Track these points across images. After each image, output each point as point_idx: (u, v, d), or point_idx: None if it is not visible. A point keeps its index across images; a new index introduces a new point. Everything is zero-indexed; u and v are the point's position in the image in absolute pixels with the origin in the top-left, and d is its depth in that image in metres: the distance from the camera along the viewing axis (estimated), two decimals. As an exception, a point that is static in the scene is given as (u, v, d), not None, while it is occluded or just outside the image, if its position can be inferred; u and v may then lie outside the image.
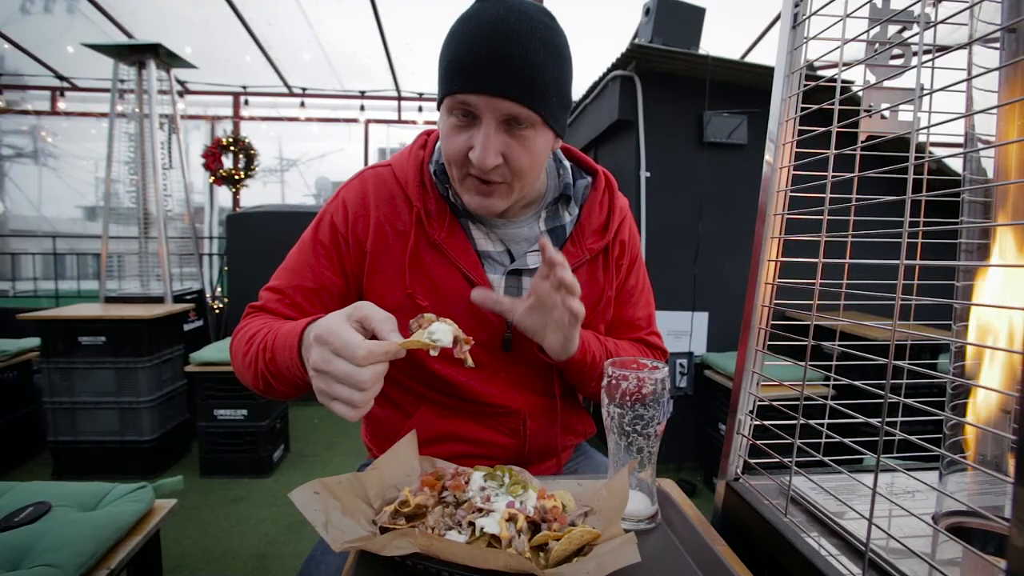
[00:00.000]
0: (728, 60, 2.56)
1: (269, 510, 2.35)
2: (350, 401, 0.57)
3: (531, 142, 0.73)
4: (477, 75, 0.68)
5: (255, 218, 3.77)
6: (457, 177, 0.77)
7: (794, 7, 0.71)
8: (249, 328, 0.81)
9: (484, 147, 0.70)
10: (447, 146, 0.74)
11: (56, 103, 5.65)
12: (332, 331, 0.58)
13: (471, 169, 0.73)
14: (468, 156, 0.72)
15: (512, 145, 0.72)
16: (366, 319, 0.61)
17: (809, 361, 0.66)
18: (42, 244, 5.70)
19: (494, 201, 0.76)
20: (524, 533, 0.56)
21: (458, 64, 0.69)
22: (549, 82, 0.71)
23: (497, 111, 0.70)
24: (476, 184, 0.75)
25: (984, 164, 0.61)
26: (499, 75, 0.67)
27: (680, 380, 2.62)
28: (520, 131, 0.72)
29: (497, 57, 0.67)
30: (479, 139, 0.71)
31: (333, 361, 0.57)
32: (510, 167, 0.73)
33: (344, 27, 4.95)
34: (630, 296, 0.95)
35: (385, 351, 0.58)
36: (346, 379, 0.57)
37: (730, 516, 0.77)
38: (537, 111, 0.71)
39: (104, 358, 2.54)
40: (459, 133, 0.73)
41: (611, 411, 0.64)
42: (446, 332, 0.62)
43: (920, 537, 0.61)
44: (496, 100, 0.69)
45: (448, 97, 0.71)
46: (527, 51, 0.68)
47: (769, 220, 0.74)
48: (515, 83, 0.68)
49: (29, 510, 1.05)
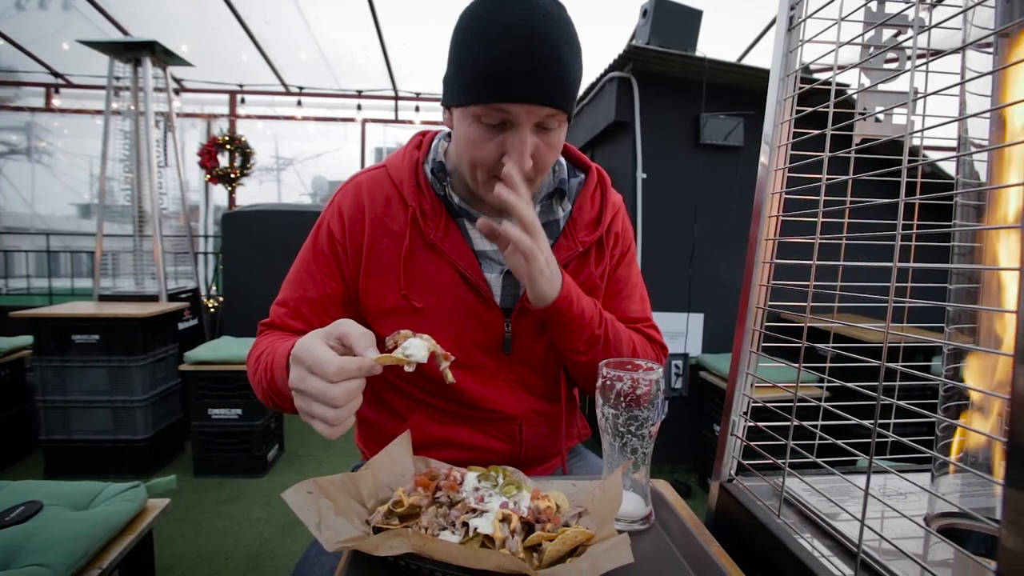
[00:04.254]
0: (725, 62, 2.57)
1: (263, 510, 2.34)
2: (324, 418, 0.57)
3: (556, 139, 0.75)
4: (516, 85, 0.68)
5: (251, 217, 3.76)
6: (482, 179, 0.77)
7: (790, 10, 0.71)
8: (258, 347, 0.82)
9: (523, 153, 0.71)
10: (476, 152, 0.74)
11: (51, 100, 5.62)
12: (306, 349, 0.58)
13: (500, 171, 0.74)
14: (500, 160, 0.73)
15: (540, 145, 0.74)
16: (344, 336, 0.60)
17: (803, 363, 0.66)
18: (36, 242, 5.66)
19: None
20: (518, 533, 0.56)
21: (492, 73, 0.68)
22: (573, 81, 0.72)
23: (534, 117, 0.71)
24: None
25: (977, 167, 0.62)
26: (539, 84, 0.68)
27: (675, 381, 2.63)
28: (549, 131, 0.73)
29: (533, 65, 0.67)
30: (514, 144, 0.71)
31: (307, 379, 0.57)
32: (537, 165, 0.75)
33: (341, 26, 4.95)
34: (622, 288, 0.94)
35: (358, 367, 0.57)
36: (319, 396, 0.57)
37: (724, 517, 0.77)
38: (566, 111, 0.73)
39: (98, 356, 2.53)
40: (489, 138, 0.73)
41: (605, 412, 0.64)
42: (420, 347, 0.62)
43: (912, 538, 0.62)
44: (536, 107, 0.69)
45: (481, 105, 0.70)
46: (558, 56, 0.68)
47: (764, 222, 0.74)
48: (552, 91, 0.69)
49: (20, 509, 1.04)
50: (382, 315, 0.83)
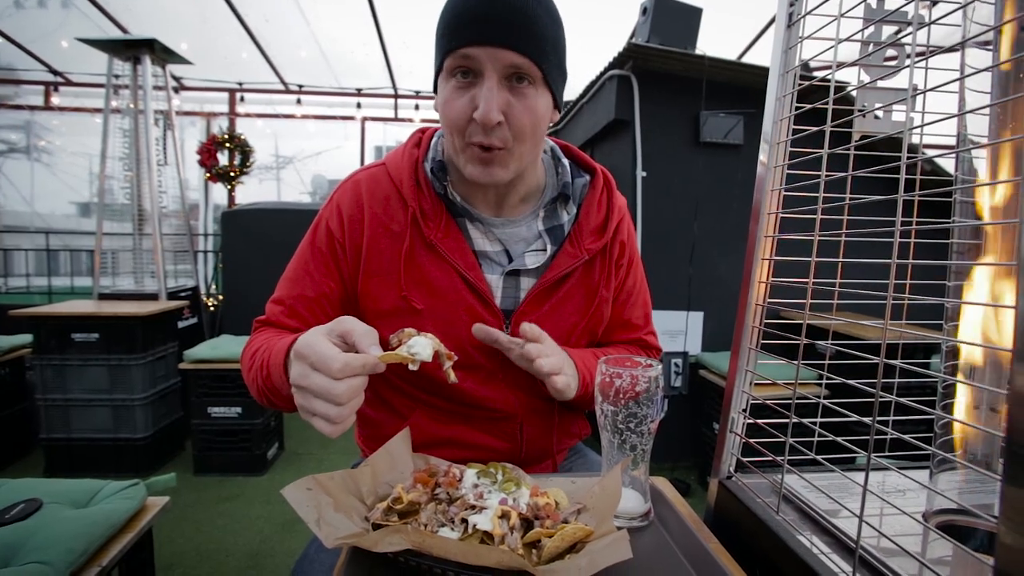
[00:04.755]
0: (724, 60, 2.56)
1: (263, 508, 2.34)
2: (326, 416, 0.57)
3: (532, 101, 0.73)
4: (478, 26, 0.68)
5: (250, 215, 3.75)
6: (459, 146, 0.76)
7: (789, 6, 0.71)
8: (252, 344, 0.81)
9: (487, 100, 0.70)
10: (448, 112, 0.74)
11: (50, 98, 5.61)
12: (309, 345, 0.58)
13: (474, 136, 0.73)
14: (471, 119, 0.72)
15: (513, 103, 0.72)
16: (347, 333, 0.60)
17: (802, 360, 0.66)
18: (35, 240, 5.66)
19: (495, 169, 0.76)
20: (517, 530, 0.56)
21: (458, 19, 0.69)
22: (548, 38, 0.72)
23: (499, 63, 0.70)
24: (477, 152, 0.74)
25: (976, 164, 0.62)
26: (501, 25, 0.68)
27: (675, 379, 2.63)
28: (521, 88, 0.72)
29: (497, 8, 0.68)
30: (482, 95, 0.70)
31: (310, 376, 0.57)
32: (512, 127, 0.73)
33: (341, 24, 4.94)
34: (628, 296, 0.94)
35: (363, 364, 0.57)
36: (322, 393, 0.56)
37: (723, 514, 0.77)
38: (538, 64, 0.71)
39: (97, 355, 2.53)
40: (460, 95, 0.72)
41: (605, 409, 0.64)
42: (425, 346, 0.62)
43: (911, 535, 0.62)
44: (498, 51, 0.69)
45: (449, 56, 0.71)
46: (525, 5, 0.69)
47: (763, 219, 0.74)
48: (516, 33, 0.69)
49: (20, 507, 1.04)
50: (381, 316, 0.83)
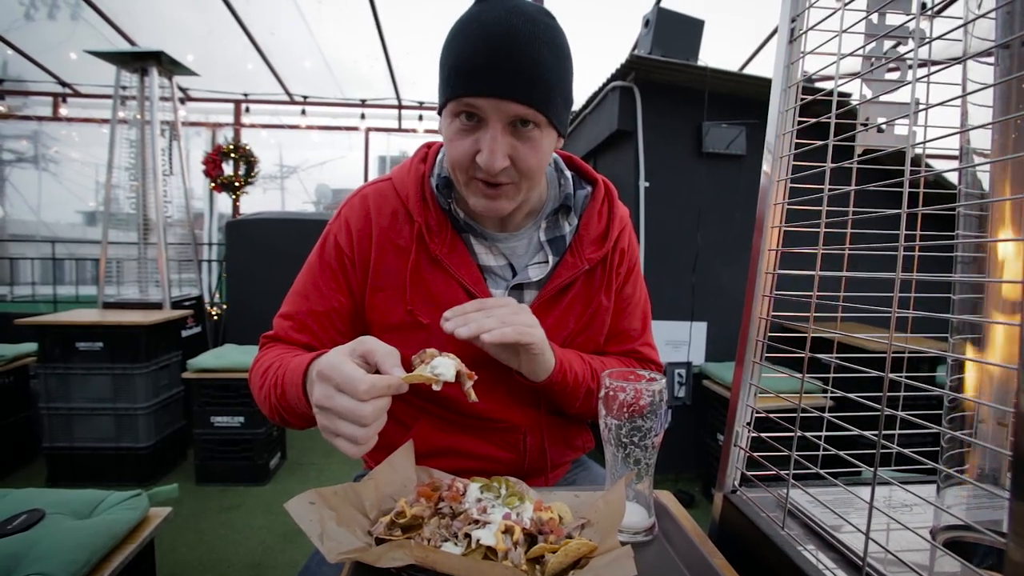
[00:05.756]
0: (727, 72, 2.58)
1: (265, 518, 2.33)
2: (352, 437, 0.57)
3: (537, 143, 0.73)
4: (483, 78, 0.67)
5: (255, 225, 3.78)
6: (463, 181, 0.76)
7: (791, 22, 0.72)
8: (263, 361, 0.81)
9: (491, 150, 0.70)
10: (452, 150, 0.74)
11: (58, 109, 5.67)
12: (334, 367, 0.58)
13: (477, 173, 0.73)
14: (475, 160, 0.72)
15: (518, 146, 0.72)
16: (369, 353, 0.60)
17: (806, 373, 0.66)
18: (41, 249, 5.69)
19: (501, 203, 0.76)
20: (520, 545, 0.56)
21: (462, 68, 0.69)
22: (553, 83, 0.71)
23: (504, 114, 0.69)
24: (482, 187, 0.75)
25: (980, 177, 0.62)
26: (505, 78, 0.67)
27: (678, 390, 2.62)
28: (526, 132, 0.72)
29: (502, 60, 0.67)
30: (486, 142, 0.70)
31: (335, 397, 0.57)
32: (517, 168, 0.73)
33: (345, 36, 4.99)
34: (626, 305, 0.94)
35: (387, 385, 0.57)
36: (348, 415, 0.56)
37: (727, 529, 0.76)
38: (543, 112, 0.71)
39: (101, 364, 2.53)
40: (464, 137, 0.72)
41: (608, 423, 0.64)
42: (448, 367, 0.62)
43: (917, 551, 0.61)
44: (503, 103, 0.68)
45: (452, 101, 0.71)
46: (532, 53, 0.68)
47: (766, 232, 0.74)
48: (521, 86, 0.68)
49: (23, 517, 1.04)
50: (388, 330, 0.83)
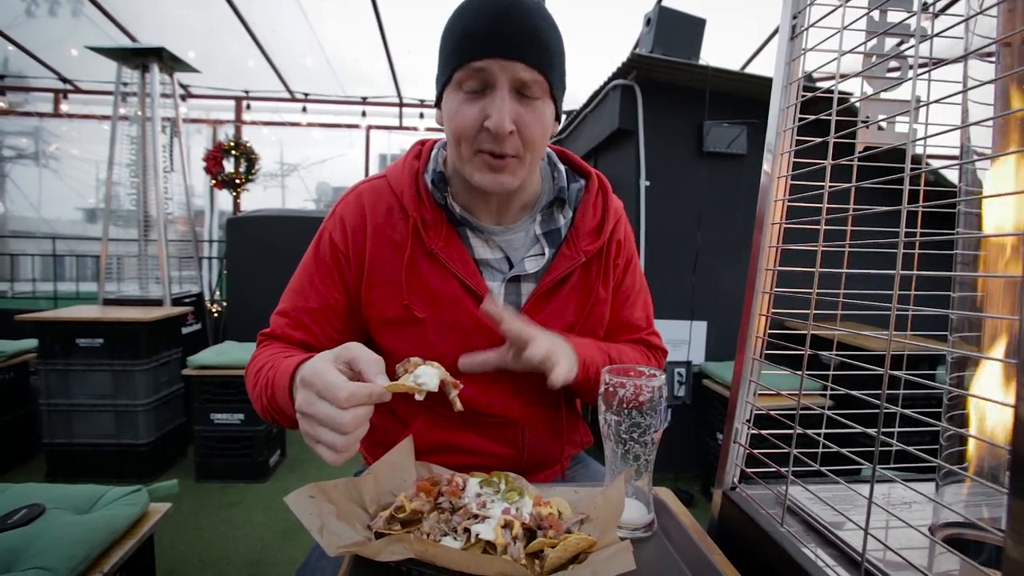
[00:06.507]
0: (728, 71, 2.57)
1: (264, 515, 2.33)
2: (332, 444, 0.56)
3: (540, 111, 0.75)
4: (493, 40, 0.70)
5: (255, 222, 3.78)
6: (467, 155, 0.76)
7: (792, 19, 0.72)
8: (258, 360, 0.81)
9: (500, 111, 0.71)
10: (458, 121, 0.74)
11: (59, 105, 5.67)
12: (316, 373, 0.58)
13: (484, 144, 0.74)
14: (482, 128, 0.73)
15: (523, 113, 0.74)
16: (354, 360, 0.60)
17: (806, 371, 0.66)
18: (41, 245, 5.70)
19: (505, 177, 0.76)
20: (520, 540, 0.56)
21: (472, 34, 0.72)
22: (555, 51, 0.75)
23: (511, 75, 0.72)
24: (488, 160, 0.75)
25: (980, 175, 0.62)
26: (514, 40, 0.71)
27: (678, 389, 2.62)
28: (530, 99, 0.74)
29: (510, 24, 0.71)
30: (495, 105, 0.72)
31: (316, 403, 0.57)
32: (522, 137, 0.74)
33: (347, 33, 4.98)
34: (627, 296, 0.95)
35: (368, 394, 0.57)
36: (328, 422, 0.56)
37: (726, 525, 0.76)
38: (547, 77, 0.74)
39: (101, 360, 2.54)
40: (470, 106, 0.73)
41: (608, 419, 0.64)
42: (432, 376, 0.62)
43: (917, 548, 0.61)
44: (511, 63, 0.71)
45: (460, 69, 0.73)
46: (535, 20, 0.72)
47: (767, 229, 0.74)
48: (529, 47, 0.71)
49: (23, 512, 1.04)
50: (384, 325, 0.83)
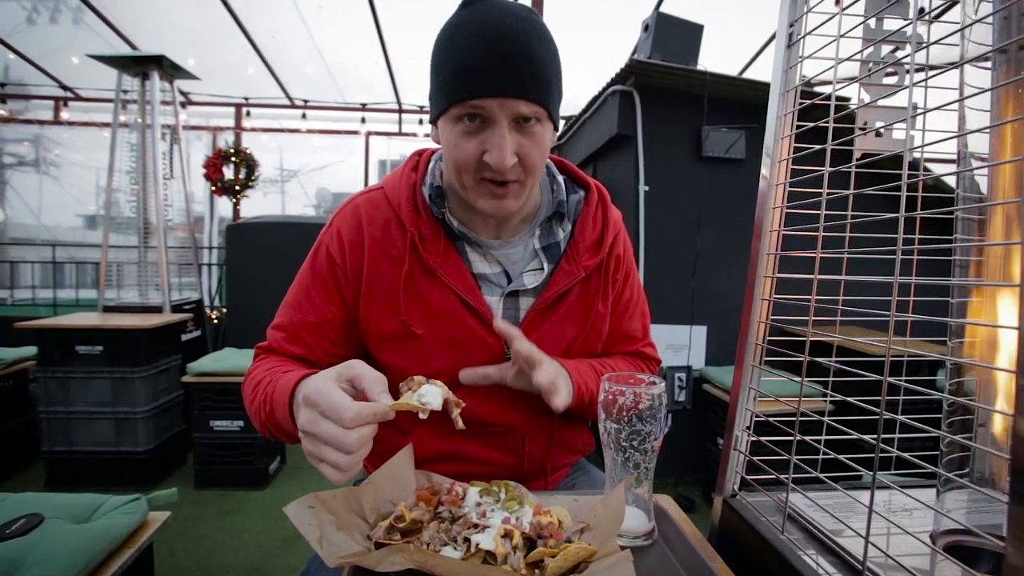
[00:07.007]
0: (726, 76, 2.59)
1: (264, 523, 2.33)
2: (336, 464, 0.56)
3: (540, 137, 0.75)
4: (488, 79, 0.69)
5: (255, 228, 3.78)
6: (470, 184, 0.76)
7: (789, 27, 0.72)
8: (255, 375, 0.81)
9: (502, 148, 0.71)
10: (457, 154, 0.74)
11: (59, 113, 5.69)
12: (320, 392, 0.58)
13: (485, 173, 0.74)
14: (482, 160, 0.73)
15: (523, 143, 0.73)
16: (356, 379, 0.60)
17: (806, 377, 0.66)
18: (41, 252, 5.69)
19: (508, 202, 0.77)
20: (520, 549, 0.56)
21: (465, 70, 0.69)
22: (551, 77, 0.73)
23: (510, 112, 0.71)
24: (490, 187, 0.75)
25: (978, 180, 0.62)
26: (511, 76, 0.69)
27: (679, 394, 2.62)
28: (529, 128, 0.73)
29: (505, 58, 0.68)
30: (495, 141, 0.71)
31: (320, 423, 0.57)
32: (524, 164, 0.74)
33: (346, 40, 5.01)
34: (626, 309, 0.95)
35: (373, 413, 0.57)
36: (333, 442, 0.56)
37: (727, 533, 0.76)
38: (545, 107, 0.73)
39: (101, 367, 2.53)
40: (470, 139, 0.73)
41: (608, 426, 0.64)
42: (436, 395, 0.62)
43: (917, 555, 0.61)
44: (509, 101, 0.70)
45: (457, 105, 0.71)
46: (529, 50, 0.70)
47: (765, 236, 0.74)
48: (527, 82, 0.70)
49: (21, 522, 1.04)
50: (382, 340, 0.83)
